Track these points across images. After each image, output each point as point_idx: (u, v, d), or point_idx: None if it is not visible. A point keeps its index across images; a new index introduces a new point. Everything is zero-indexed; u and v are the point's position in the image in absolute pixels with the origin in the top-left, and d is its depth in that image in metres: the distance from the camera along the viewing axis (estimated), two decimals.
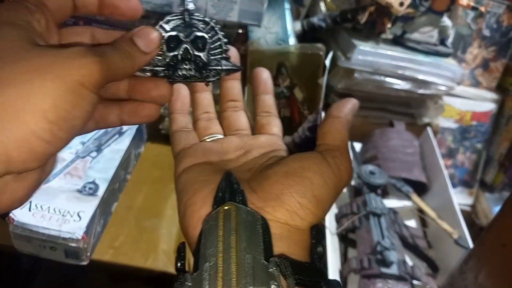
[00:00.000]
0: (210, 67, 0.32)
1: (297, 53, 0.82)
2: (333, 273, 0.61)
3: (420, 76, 0.86)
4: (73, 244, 0.58)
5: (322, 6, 0.96)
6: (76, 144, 0.69)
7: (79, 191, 0.63)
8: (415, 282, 0.62)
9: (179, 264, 0.27)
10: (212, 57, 0.32)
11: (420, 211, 0.75)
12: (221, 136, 0.38)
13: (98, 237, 0.65)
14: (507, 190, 1.02)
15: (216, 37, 0.32)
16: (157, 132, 0.83)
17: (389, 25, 0.87)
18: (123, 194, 0.73)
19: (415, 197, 0.75)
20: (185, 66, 0.32)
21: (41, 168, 0.26)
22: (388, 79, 0.86)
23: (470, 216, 1.04)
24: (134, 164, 0.78)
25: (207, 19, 0.32)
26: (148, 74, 0.32)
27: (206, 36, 0.32)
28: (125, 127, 0.74)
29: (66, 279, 0.91)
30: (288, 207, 0.27)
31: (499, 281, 0.43)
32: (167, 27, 0.31)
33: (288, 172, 0.29)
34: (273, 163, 0.32)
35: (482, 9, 0.90)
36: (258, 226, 0.26)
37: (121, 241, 0.66)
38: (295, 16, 0.96)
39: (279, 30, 0.86)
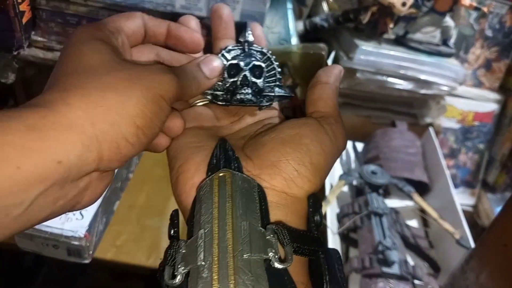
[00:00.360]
0: (265, 93, 0.35)
1: (299, 53, 0.82)
2: None
3: (422, 76, 0.86)
4: (76, 242, 0.58)
5: (325, 6, 0.96)
6: None
7: None
8: (416, 282, 0.62)
9: (172, 232, 0.28)
10: (266, 84, 0.35)
11: (422, 211, 0.75)
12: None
13: (100, 236, 0.65)
14: (509, 190, 1.02)
15: (271, 66, 0.35)
16: None
17: (391, 25, 0.87)
18: (125, 193, 0.73)
19: (417, 197, 0.75)
20: (243, 91, 0.34)
21: (113, 171, 0.28)
22: (390, 79, 0.86)
23: (472, 217, 1.04)
24: (137, 163, 0.78)
25: (264, 50, 0.35)
26: (208, 97, 0.34)
27: (263, 65, 0.34)
28: None
29: (68, 277, 0.92)
30: (285, 175, 0.27)
31: (500, 281, 0.43)
32: (228, 56, 0.35)
33: (284, 139, 0.29)
34: (268, 129, 0.32)
35: (485, 9, 0.90)
36: (255, 193, 0.26)
37: (123, 239, 0.67)
38: (298, 16, 0.96)
39: (282, 30, 0.86)
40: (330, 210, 0.71)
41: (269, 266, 0.22)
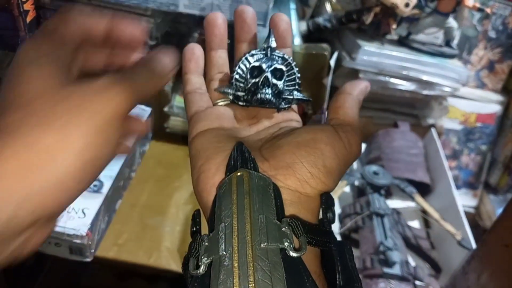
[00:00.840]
0: (284, 96, 0.36)
1: (302, 53, 0.82)
2: None
3: (425, 77, 0.86)
4: (78, 241, 0.59)
5: (328, 6, 0.96)
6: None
7: None
8: (417, 282, 0.62)
9: (194, 229, 0.28)
10: (286, 88, 0.36)
11: (424, 212, 0.75)
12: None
13: (102, 234, 0.65)
14: None
15: (291, 71, 0.37)
16: (162, 130, 0.84)
17: (394, 26, 0.87)
18: (127, 192, 0.73)
19: (418, 198, 0.75)
20: (263, 91, 0.35)
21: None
22: (392, 80, 0.86)
23: (474, 218, 1.04)
24: (139, 162, 0.78)
25: (286, 56, 0.37)
26: (230, 97, 0.36)
27: (284, 68, 0.36)
28: None
29: (70, 275, 0.92)
30: (299, 176, 0.28)
31: (501, 282, 0.43)
32: (252, 59, 0.36)
33: (300, 142, 0.30)
34: (285, 133, 0.33)
35: (488, 10, 0.90)
36: (270, 190, 0.27)
37: (125, 238, 0.67)
38: (301, 16, 0.96)
39: None
40: None
41: (285, 255, 0.23)
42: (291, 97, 0.36)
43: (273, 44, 0.36)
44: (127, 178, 0.73)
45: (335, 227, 0.70)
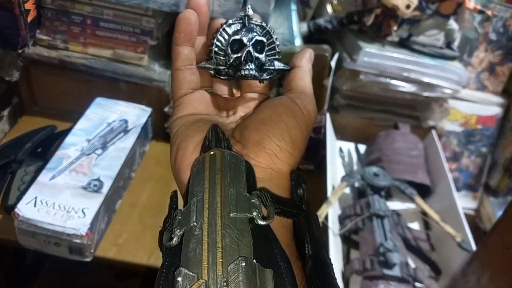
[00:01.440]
0: (265, 67, 0.36)
1: None
2: (335, 274, 0.61)
3: (426, 79, 0.86)
4: (77, 240, 0.59)
5: (329, 8, 0.96)
6: (81, 141, 0.69)
7: (84, 188, 0.63)
8: (417, 284, 0.62)
9: (172, 208, 0.30)
10: (267, 59, 0.36)
11: (424, 213, 0.75)
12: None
13: (102, 234, 0.65)
14: None
15: (270, 40, 0.36)
16: (162, 130, 0.84)
17: (395, 28, 0.87)
18: (127, 191, 0.73)
19: (418, 199, 0.75)
20: (247, 67, 0.34)
21: None
22: (393, 82, 0.86)
23: (474, 220, 1.03)
24: (139, 162, 0.78)
25: (264, 24, 0.36)
26: (211, 72, 0.35)
27: (264, 40, 0.35)
28: (130, 126, 0.74)
29: (69, 275, 0.92)
30: (269, 151, 0.30)
31: (501, 284, 0.43)
32: (229, 30, 0.35)
33: (264, 119, 0.32)
34: (250, 112, 0.35)
35: (489, 13, 0.90)
36: (242, 166, 0.28)
37: (125, 238, 0.67)
38: (302, 18, 0.96)
39: (286, 31, 0.87)
40: (332, 212, 0.71)
41: (254, 224, 0.25)
42: (273, 67, 0.36)
43: (250, 11, 0.36)
44: (127, 178, 0.73)
45: (335, 229, 0.70)
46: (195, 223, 0.24)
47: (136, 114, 0.77)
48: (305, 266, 0.26)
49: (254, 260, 0.23)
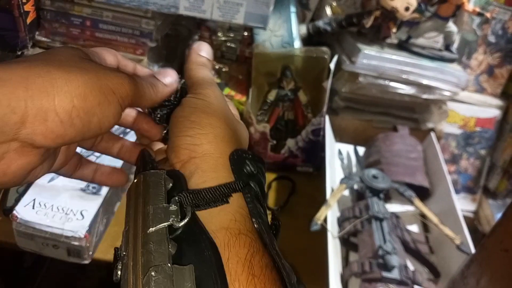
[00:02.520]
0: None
1: (302, 56, 0.82)
2: (334, 276, 0.61)
3: (425, 81, 0.86)
4: (76, 243, 0.59)
5: (328, 10, 0.96)
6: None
7: (83, 190, 0.63)
8: (416, 287, 0.62)
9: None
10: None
11: (423, 216, 0.75)
12: None
13: (100, 237, 0.65)
14: (511, 197, 1.02)
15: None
16: None
17: (394, 30, 0.87)
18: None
19: (417, 202, 0.75)
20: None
21: (41, 157, 0.28)
22: (392, 84, 0.86)
23: (473, 223, 1.03)
24: None
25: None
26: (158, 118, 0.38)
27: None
28: None
29: (67, 277, 0.92)
30: (184, 145, 0.31)
31: (500, 286, 0.43)
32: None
33: (172, 125, 0.33)
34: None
35: (488, 15, 0.90)
36: (161, 180, 0.29)
37: None
38: (301, 20, 0.96)
39: (285, 33, 0.87)
40: (331, 214, 0.71)
41: (175, 229, 0.26)
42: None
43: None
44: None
45: (334, 231, 0.70)
46: (124, 253, 0.26)
47: None
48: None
49: (169, 264, 0.24)
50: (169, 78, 0.36)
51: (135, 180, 0.30)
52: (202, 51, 0.38)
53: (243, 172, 0.31)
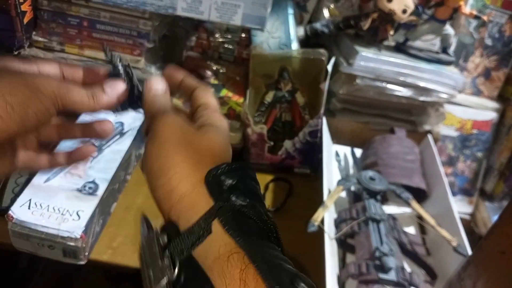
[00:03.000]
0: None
1: (300, 58, 0.82)
2: (331, 277, 0.61)
3: (422, 84, 0.86)
4: (72, 243, 0.58)
5: (326, 12, 0.96)
6: (76, 143, 0.69)
7: (79, 190, 0.63)
8: None
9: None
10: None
11: (420, 218, 0.75)
12: None
13: (96, 237, 0.65)
14: (507, 199, 1.02)
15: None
16: None
17: (391, 32, 0.87)
18: (122, 194, 0.73)
19: (414, 204, 0.75)
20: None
21: None
22: (389, 86, 0.86)
23: (470, 225, 1.04)
24: (135, 165, 0.78)
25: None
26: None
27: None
28: (127, 127, 0.74)
29: (63, 278, 0.91)
30: (161, 199, 0.35)
31: None
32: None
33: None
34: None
35: (485, 18, 0.90)
36: (154, 240, 0.31)
37: (120, 241, 0.66)
38: (298, 22, 0.96)
39: (282, 34, 0.87)
40: (328, 215, 0.71)
41: (177, 279, 0.29)
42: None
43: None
44: (122, 181, 0.73)
45: (331, 232, 0.70)
46: None
47: (132, 116, 0.76)
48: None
49: None
50: (111, 89, 0.38)
51: (139, 246, 0.33)
52: (154, 84, 0.40)
53: (223, 189, 0.32)
